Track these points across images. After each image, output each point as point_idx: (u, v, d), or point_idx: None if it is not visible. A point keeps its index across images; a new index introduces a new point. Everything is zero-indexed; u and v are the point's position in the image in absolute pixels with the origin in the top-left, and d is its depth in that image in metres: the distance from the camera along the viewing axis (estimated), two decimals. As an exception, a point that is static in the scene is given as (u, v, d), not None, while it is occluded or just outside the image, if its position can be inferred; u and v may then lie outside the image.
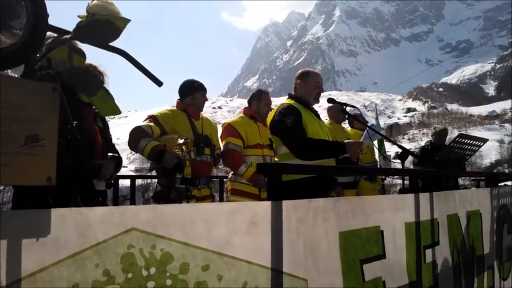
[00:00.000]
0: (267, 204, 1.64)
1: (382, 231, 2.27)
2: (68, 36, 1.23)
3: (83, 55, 1.30)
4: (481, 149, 4.18)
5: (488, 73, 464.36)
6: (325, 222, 1.91)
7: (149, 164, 4.09)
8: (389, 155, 7.42)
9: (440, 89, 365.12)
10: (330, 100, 4.43)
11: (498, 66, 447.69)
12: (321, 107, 6.03)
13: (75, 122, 2.22)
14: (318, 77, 4.12)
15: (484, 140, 4.33)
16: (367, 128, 4.37)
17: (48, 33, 1.28)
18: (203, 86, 4.36)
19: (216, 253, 1.54)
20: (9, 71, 1.27)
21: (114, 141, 3.50)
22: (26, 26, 1.16)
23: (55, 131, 1.20)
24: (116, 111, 1.39)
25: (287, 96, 4.20)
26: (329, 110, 5.93)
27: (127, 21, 1.29)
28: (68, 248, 1.26)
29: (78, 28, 1.22)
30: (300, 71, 4.20)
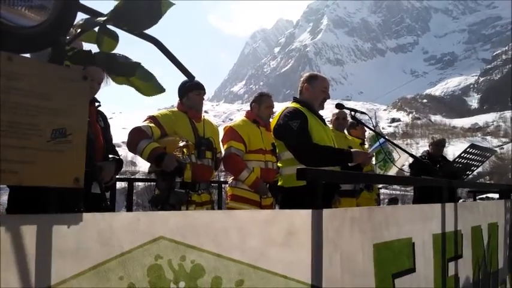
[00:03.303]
0: (306, 213, 1.50)
1: (414, 243, 2.14)
2: (103, 18, 1.07)
3: (115, 38, 1.14)
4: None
5: (471, 86, 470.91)
6: (361, 234, 1.77)
7: (148, 167, 3.93)
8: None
9: (425, 100, 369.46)
10: (338, 105, 4.31)
11: (481, 79, 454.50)
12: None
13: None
14: (326, 82, 4.00)
15: (493, 151, 4.26)
16: (378, 139, 4.27)
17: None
18: (197, 84, 4.14)
19: (251, 266, 1.39)
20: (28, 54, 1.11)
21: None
22: (56, 3, 1.00)
23: (84, 125, 1.04)
24: (160, 89, 1.22)
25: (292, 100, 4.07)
26: (333, 115, 5.78)
27: (171, 4, 1.14)
28: (90, 258, 1.11)
29: (115, 10, 1.06)
30: (307, 74, 4.08)
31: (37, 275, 1.00)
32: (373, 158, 6.70)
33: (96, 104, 3.04)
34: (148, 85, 1.21)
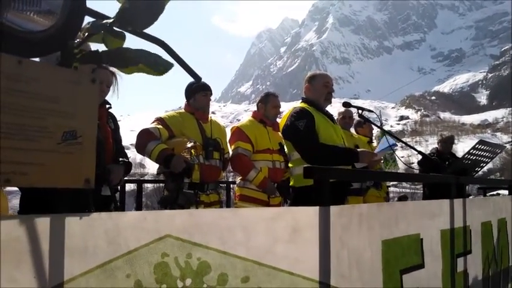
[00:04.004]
0: (313, 210, 1.51)
1: (422, 239, 2.15)
2: (109, 21, 1.09)
3: (121, 37, 1.16)
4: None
5: (480, 82, 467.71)
6: (369, 230, 1.78)
7: (157, 169, 3.95)
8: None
9: (433, 98, 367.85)
10: (345, 104, 4.31)
11: (490, 75, 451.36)
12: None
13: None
14: (326, 77, 4.00)
15: (503, 147, 4.23)
16: (386, 139, 4.26)
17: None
18: (204, 86, 4.17)
19: (256, 263, 1.41)
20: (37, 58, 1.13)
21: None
22: (64, 8, 1.03)
23: (94, 127, 1.06)
24: (168, 65, 1.24)
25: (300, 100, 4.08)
26: (338, 114, 5.76)
27: None
28: (97, 256, 1.14)
29: (120, 12, 1.08)
30: (307, 75, 4.08)
31: (46, 273, 1.03)
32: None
33: (107, 106, 3.08)
34: (155, 65, 1.23)
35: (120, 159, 3.14)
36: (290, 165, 3.95)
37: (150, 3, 1.13)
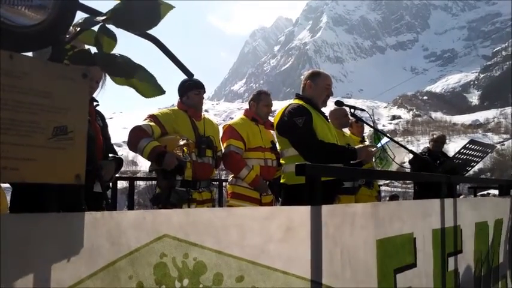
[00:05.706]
0: (306, 209, 1.51)
1: (415, 239, 2.16)
2: (102, 17, 1.08)
3: (114, 38, 1.15)
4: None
5: (472, 82, 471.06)
6: (362, 230, 1.79)
7: (149, 166, 3.94)
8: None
9: (425, 97, 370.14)
10: (337, 103, 4.31)
11: (482, 76, 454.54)
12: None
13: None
14: (328, 79, 3.99)
15: (493, 147, 4.27)
16: (382, 139, 4.28)
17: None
18: (197, 83, 4.15)
19: (251, 262, 1.41)
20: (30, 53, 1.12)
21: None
22: (55, 2, 1.02)
23: (85, 123, 1.05)
24: (160, 90, 1.24)
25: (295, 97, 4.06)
26: (333, 113, 5.69)
27: (170, 7, 1.15)
28: (102, 257, 1.11)
29: (115, 10, 1.08)
30: (310, 71, 4.06)
31: (52, 275, 1.01)
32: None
33: (95, 103, 3.04)
34: (148, 86, 1.23)
35: (110, 155, 3.13)
36: (282, 161, 3.94)
37: (148, 8, 1.12)
